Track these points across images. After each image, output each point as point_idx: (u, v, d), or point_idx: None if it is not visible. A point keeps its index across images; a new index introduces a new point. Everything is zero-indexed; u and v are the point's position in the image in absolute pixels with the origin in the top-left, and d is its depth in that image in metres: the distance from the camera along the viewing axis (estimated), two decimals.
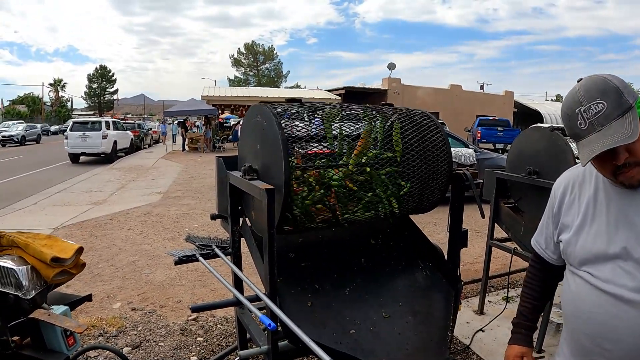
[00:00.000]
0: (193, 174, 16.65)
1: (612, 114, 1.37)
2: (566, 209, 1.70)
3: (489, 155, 11.66)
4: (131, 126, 30.87)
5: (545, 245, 1.86)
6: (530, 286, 1.97)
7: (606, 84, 1.41)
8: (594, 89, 1.40)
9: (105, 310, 4.85)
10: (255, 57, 77.10)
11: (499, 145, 24.32)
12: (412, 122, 2.74)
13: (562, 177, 1.79)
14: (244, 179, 2.45)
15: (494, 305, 4.90)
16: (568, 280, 1.69)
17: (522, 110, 38.59)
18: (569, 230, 1.66)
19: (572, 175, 1.73)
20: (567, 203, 1.69)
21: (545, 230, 1.85)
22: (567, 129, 1.50)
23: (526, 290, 1.98)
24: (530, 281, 1.98)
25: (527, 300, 1.96)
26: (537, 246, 1.92)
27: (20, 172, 17.89)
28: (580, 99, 1.41)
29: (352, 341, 2.33)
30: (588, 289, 1.55)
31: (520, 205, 4.31)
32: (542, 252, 1.89)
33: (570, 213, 1.67)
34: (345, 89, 31.90)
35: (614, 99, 1.38)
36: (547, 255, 1.86)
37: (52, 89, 79.26)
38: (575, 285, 1.62)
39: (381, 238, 2.96)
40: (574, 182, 1.70)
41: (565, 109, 1.48)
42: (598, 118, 1.38)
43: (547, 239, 1.84)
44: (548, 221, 1.82)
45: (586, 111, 1.40)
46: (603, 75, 1.44)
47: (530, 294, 1.96)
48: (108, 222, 9.00)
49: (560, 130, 3.93)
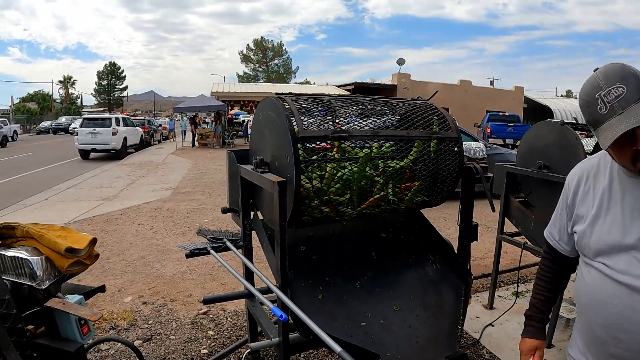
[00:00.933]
0: (203, 169, 16.70)
1: (632, 97, 1.38)
2: (580, 200, 1.69)
3: (498, 151, 11.62)
4: (141, 122, 30.95)
5: (559, 237, 1.84)
6: (544, 278, 1.95)
7: (625, 69, 1.42)
8: (613, 74, 1.42)
9: (117, 304, 4.89)
10: (264, 53, 77.09)
11: (509, 141, 24.20)
12: (422, 116, 2.75)
13: (576, 168, 1.78)
14: (255, 172, 2.47)
15: (504, 300, 4.89)
16: (582, 271, 1.68)
17: (532, 105, 38.39)
18: (584, 221, 1.65)
19: (586, 167, 1.73)
20: (582, 194, 1.69)
21: (559, 221, 1.83)
22: (586, 116, 1.50)
23: (539, 283, 1.96)
24: (543, 273, 1.96)
25: (540, 293, 1.94)
26: (550, 237, 1.90)
27: (31, 168, 17.99)
28: (600, 83, 1.42)
29: (362, 333, 2.35)
30: (603, 279, 1.54)
31: (531, 200, 4.30)
32: (555, 243, 1.87)
33: (585, 204, 1.66)
34: (354, 84, 31.89)
35: (633, 84, 1.39)
36: (561, 246, 1.84)
37: (61, 86, 79.54)
38: (590, 277, 1.61)
39: (392, 232, 2.96)
40: (588, 173, 1.69)
41: (584, 96, 1.49)
42: (619, 101, 1.38)
43: (561, 230, 1.82)
44: (562, 212, 1.81)
45: (607, 95, 1.40)
46: (620, 62, 1.45)
47: (543, 286, 1.94)
48: (119, 217, 9.06)
49: (570, 124, 3.92)
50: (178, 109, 31.41)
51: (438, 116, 2.78)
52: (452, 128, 2.76)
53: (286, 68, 78.61)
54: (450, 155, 2.72)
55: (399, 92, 30.80)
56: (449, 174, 2.74)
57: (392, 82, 32.21)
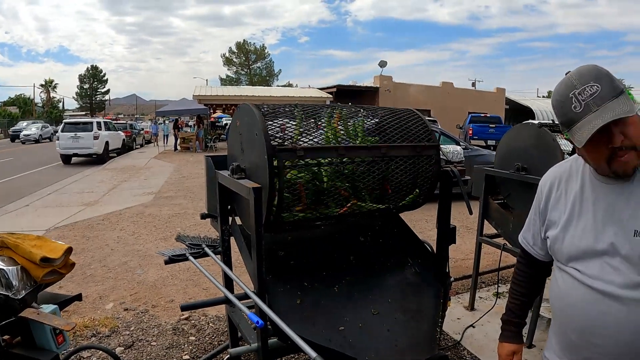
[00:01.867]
0: (185, 173, 16.63)
1: (607, 96, 1.39)
2: (553, 205, 1.69)
3: (479, 152, 11.72)
4: (123, 126, 30.76)
5: (533, 242, 1.85)
6: (519, 283, 1.96)
7: (598, 70, 1.44)
8: (587, 74, 1.43)
9: (98, 310, 4.85)
10: (246, 56, 76.90)
11: (491, 142, 24.35)
12: (398, 119, 2.76)
13: (548, 173, 1.79)
14: (232, 178, 2.47)
15: (485, 301, 4.93)
16: (556, 276, 1.69)
17: (513, 106, 38.71)
18: (556, 226, 1.65)
19: (558, 172, 1.74)
20: (554, 199, 1.69)
21: (533, 226, 1.84)
22: (560, 116, 1.50)
23: (515, 287, 1.97)
24: (518, 278, 1.97)
25: (516, 297, 1.95)
26: (524, 242, 1.90)
27: (12, 174, 17.80)
28: (575, 82, 1.43)
29: (341, 338, 2.35)
30: (576, 285, 1.55)
31: (509, 202, 4.34)
32: (529, 248, 1.87)
33: (557, 209, 1.67)
34: (337, 87, 31.92)
35: (607, 82, 1.41)
36: (535, 251, 1.85)
37: (43, 90, 78.73)
38: (563, 282, 1.62)
39: (370, 235, 2.97)
40: (560, 179, 1.70)
41: (557, 96, 1.49)
42: (594, 99, 1.39)
43: (535, 235, 1.83)
44: (535, 217, 1.81)
45: (581, 93, 1.41)
46: (593, 64, 1.47)
47: (519, 291, 1.95)
48: (100, 222, 8.99)
49: (548, 126, 3.96)
50: (161, 112, 31.31)
51: (419, 126, 2.79)
52: (433, 138, 2.78)
53: (269, 71, 78.48)
54: (429, 162, 2.73)
55: (381, 95, 30.90)
56: (427, 180, 2.76)
57: (374, 85, 32.29)
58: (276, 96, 30.23)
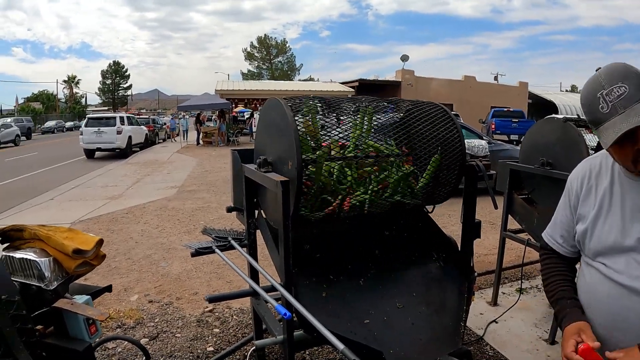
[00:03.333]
0: (208, 167, 16.75)
1: (634, 97, 1.38)
2: (583, 199, 1.68)
3: (503, 147, 11.61)
4: (145, 121, 31.07)
5: (563, 240, 1.80)
6: (555, 272, 1.81)
7: (627, 69, 1.43)
8: (615, 74, 1.42)
9: (123, 302, 4.93)
10: (268, 51, 77.11)
11: (514, 137, 24.17)
12: (425, 114, 2.76)
13: (577, 168, 1.78)
14: (259, 172, 2.50)
15: (508, 297, 4.91)
16: (583, 271, 1.68)
17: (536, 101, 38.28)
18: (585, 220, 1.65)
19: (588, 166, 1.72)
20: (584, 193, 1.68)
21: (560, 224, 1.81)
22: (588, 115, 1.50)
23: (553, 278, 1.81)
24: (553, 268, 1.83)
25: (561, 285, 1.76)
26: (552, 241, 1.85)
27: (37, 168, 18.08)
28: (603, 82, 1.42)
29: (365, 331, 2.36)
30: (602, 280, 1.56)
31: (534, 197, 4.31)
32: (558, 246, 1.83)
33: (587, 204, 1.66)
34: (358, 81, 31.87)
35: (635, 84, 1.39)
36: (565, 249, 1.81)
37: (66, 86, 79.60)
38: (590, 276, 1.62)
39: (395, 229, 2.98)
40: (590, 173, 1.69)
41: (585, 94, 1.49)
42: (621, 101, 1.39)
43: (564, 233, 1.79)
44: (565, 214, 1.78)
45: (608, 94, 1.41)
46: (623, 62, 1.46)
47: (555, 281, 1.79)
48: (124, 216, 9.11)
49: (573, 121, 3.93)
50: (183, 107, 31.47)
51: (445, 120, 2.79)
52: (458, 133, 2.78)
53: (290, 65, 78.60)
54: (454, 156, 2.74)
55: (402, 89, 30.77)
56: (452, 174, 2.76)
57: (396, 79, 32.16)
58: (298, 90, 30.27)
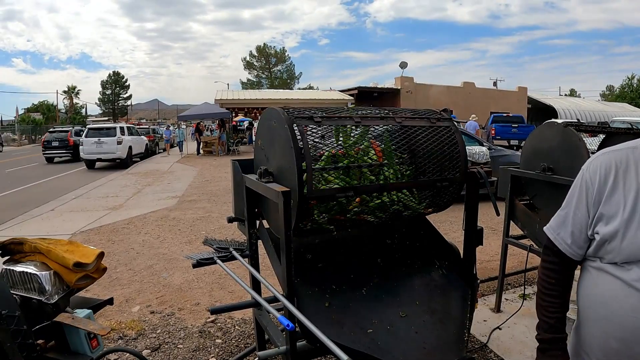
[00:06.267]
0: (208, 177, 16.75)
1: None
2: (608, 196, 1.51)
3: (503, 153, 11.60)
4: (145, 131, 31.08)
5: (572, 240, 1.63)
6: (555, 294, 1.71)
7: None
8: None
9: (124, 313, 4.91)
10: (267, 60, 77.28)
11: (514, 142, 24.21)
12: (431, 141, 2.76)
13: (596, 161, 1.58)
14: (260, 182, 2.49)
15: (511, 303, 4.89)
16: (595, 279, 1.56)
17: (536, 105, 38.37)
18: (613, 221, 1.48)
19: (612, 160, 1.54)
20: (610, 190, 1.51)
21: (572, 222, 1.62)
22: None
23: (550, 300, 1.72)
24: (553, 288, 1.72)
25: (555, 310, 1.71)
26: (559, 241, 1.67)
27: (37, 179, 18.09)
28: None
29: (369, 340, 2.35)
30: (625, 290, 1.44)
31: (536, 202, 4.30)
32: (565, 247, 1.64)
33: (613, 202, 1.50)
34: (357, 89, 31.95)
35: None
36: (573, 251, 1.63)
37: (66, 96, 79.68)
38: (606, 285, 1.51)
39: (397, 238, 2.97)
40: (616, 168, 1.51)
41: None
42: None
43: (576, 232, 1.61)
44: (577, 211, 1.60)
45: None
46: None
47: (557, 302, 1.71)
48: (125, 226, 9.09)
49: (573, 125, 3.92)
50: (183, 116, 31.49)
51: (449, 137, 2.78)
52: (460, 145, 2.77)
53: (289, 74, 78.74)
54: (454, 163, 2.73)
55: (402, 96, 30.83)
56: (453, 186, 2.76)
57: (395, 86, 32.23)
58: (298, 99, 30.34)
